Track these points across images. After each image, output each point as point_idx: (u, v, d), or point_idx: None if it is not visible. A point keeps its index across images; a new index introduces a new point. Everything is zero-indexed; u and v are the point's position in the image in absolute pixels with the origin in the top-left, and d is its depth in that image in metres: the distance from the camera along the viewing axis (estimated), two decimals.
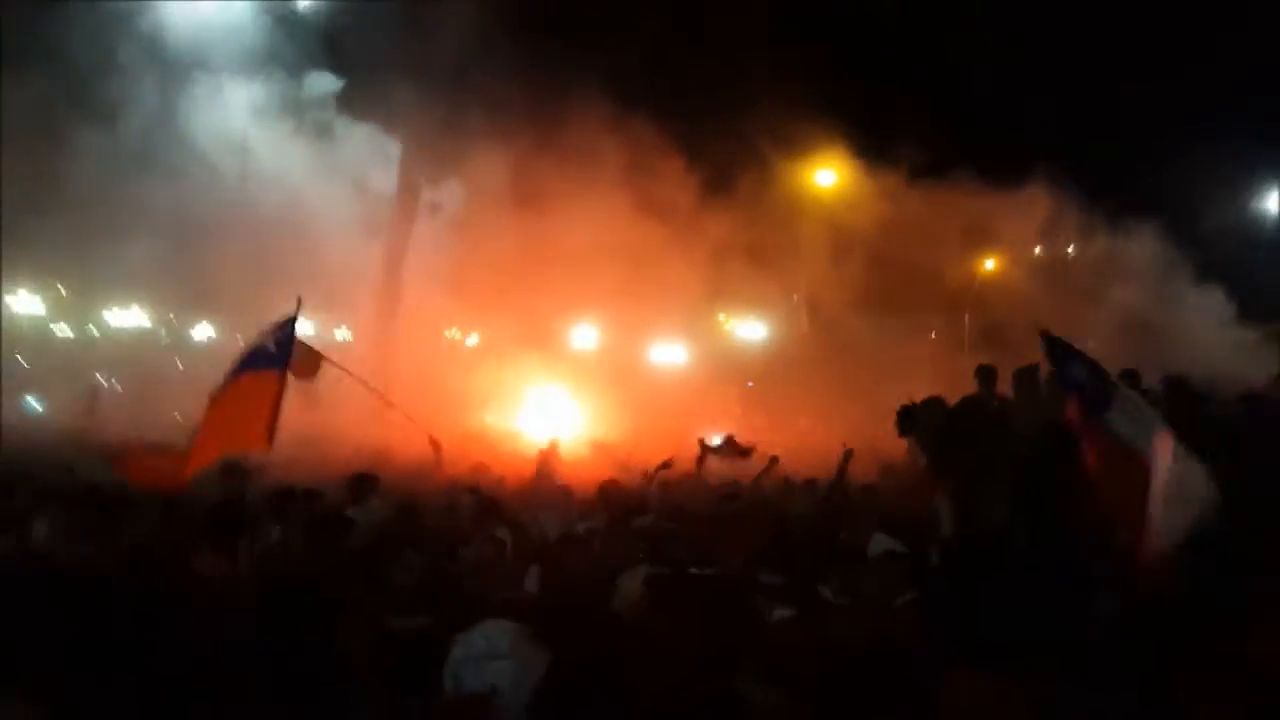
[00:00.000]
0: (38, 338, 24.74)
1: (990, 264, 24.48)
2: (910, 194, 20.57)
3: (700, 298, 20.78)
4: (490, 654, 4.31)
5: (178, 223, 17.93)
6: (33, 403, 16.12)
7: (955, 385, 9.99)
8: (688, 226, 19.18)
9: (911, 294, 22.58)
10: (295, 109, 19.32)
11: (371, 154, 19.61)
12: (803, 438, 15.40)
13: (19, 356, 20.63)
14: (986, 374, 8.78)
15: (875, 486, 7.81)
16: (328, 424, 11.18)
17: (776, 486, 7.55)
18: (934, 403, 7.58)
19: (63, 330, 26.54)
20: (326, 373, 7.05)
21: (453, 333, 21.55)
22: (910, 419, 6.51)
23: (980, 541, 5.07)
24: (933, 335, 25.14)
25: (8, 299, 25.23)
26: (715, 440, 9.25)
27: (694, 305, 20.93)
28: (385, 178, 19.96)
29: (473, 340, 21.68)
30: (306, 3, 19.90)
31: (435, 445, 7.84)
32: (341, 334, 22.30)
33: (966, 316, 24.86)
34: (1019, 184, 20.50)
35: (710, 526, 6.20)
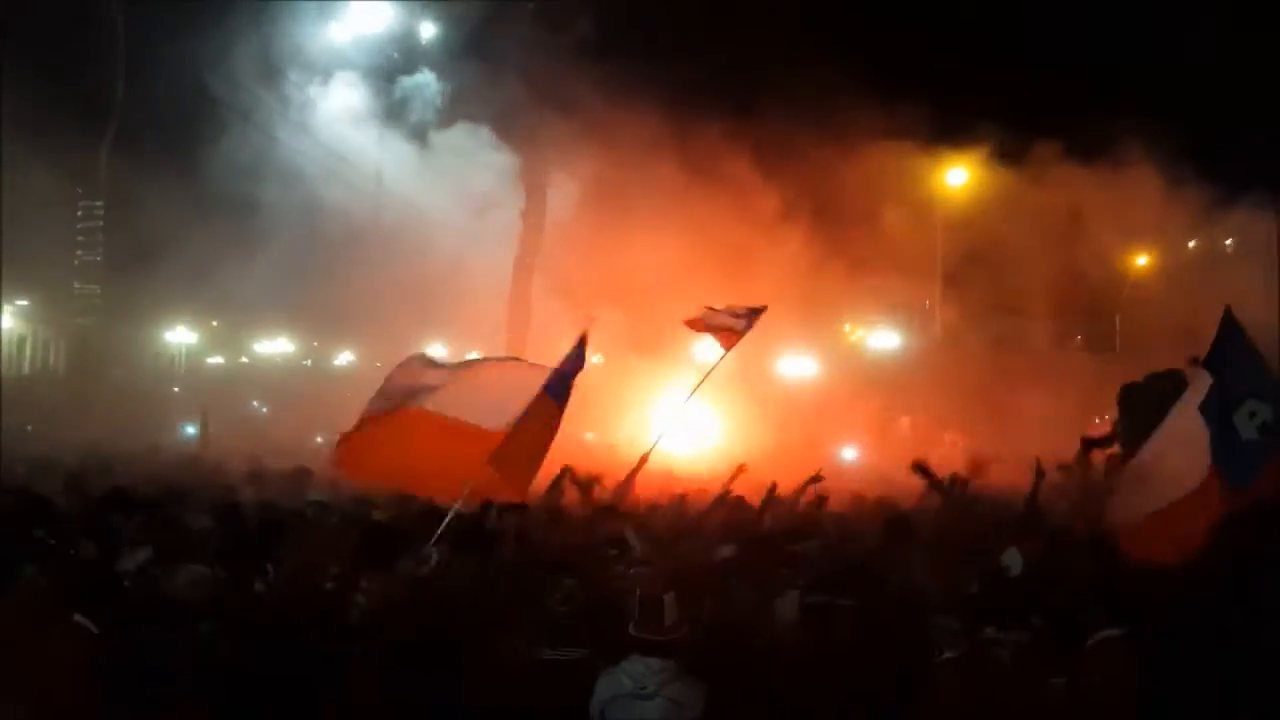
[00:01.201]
0: (193, 368, 26.49)
1: (1142, 260, 22.78)
2: (1045, 188, 19.39)
3: (827, 308, 20.15)
4: (638, 693, 4.07)
5: (319, 256, 18.76)
6: (189, 429, 17.09)
7: (1105, 391, 9.36)
8: (810, 235, 18.67)
9: (1053, 295, 21.24)
10: (426, 143, 20.00)
11: (497, 180, 20.02)
12: (948, 450, 14.59)
13: (175, 387, 22.08)
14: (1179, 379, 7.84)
15: (1040, 503, 7.11)
16: None
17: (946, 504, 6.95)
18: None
19: (217, 360, 28.35)
20: None
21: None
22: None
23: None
24: (1079, 339, 23.63)
25: (166, 334, 27.19)
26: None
27: (821, 316, 20.30)
28: (511, 201, 20.32)
29: (598, 359, 21.71)
30: (428, 33, 20.61)
31: (642, 461, 7.76)
32: (472, 356, 22.78)
33: (1117, 317, 23.21)
34: (1165, 170, 18.99)
35: (872, 553, 5.76)
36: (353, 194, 19.35)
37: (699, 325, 7.96)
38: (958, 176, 22.15)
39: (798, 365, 19.67)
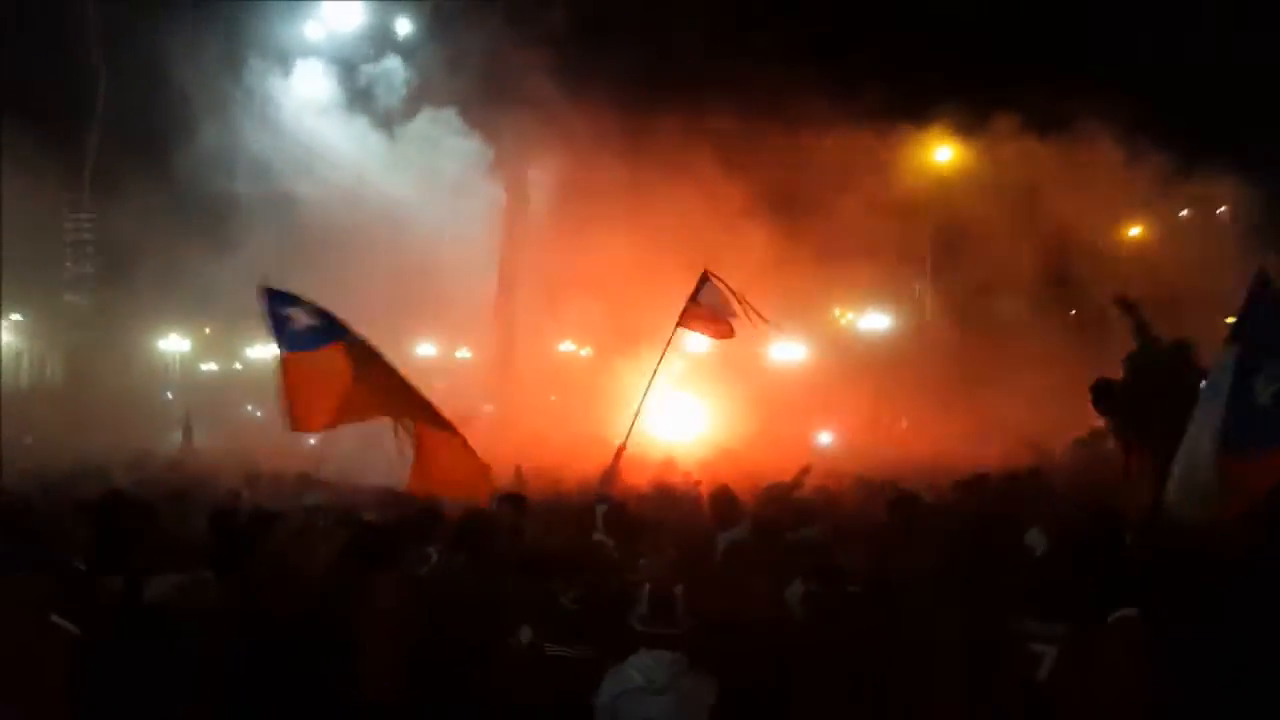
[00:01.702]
0: (187, 375, 26.41)
1: (1134, 232, 22.69)
2: (1034, 160, 19.28)
3: (817, 294, 20.06)
4: (647, 688, 4.00)
5: (305, 256, 18.59)
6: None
7: (1101, 365, 9.29)
8: (796, 221, 18.57)
9: (1045, 269, 21.13)
10: (411, 136, 19.83)
11: (481, 175, 19.87)
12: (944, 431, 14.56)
13: (168, 393, 21.99)
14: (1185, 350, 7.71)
15: (1046, 482, 7.07)
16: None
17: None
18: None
19: (210, 367, 28.25)
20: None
21: (567, 345, 21.58)
22: (1109, 394, 5.76)
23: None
24: (1072, 313, 23.52)
25: (160, 342, 27.09)
26: None
27: (811, 302, 20.20)
28: (495, 195, 20.18)
29: (587, 352, 21.63)
30: (406, 30, 20.46)
31: (619, 451, 7.68)
32: (461, 354, 22.79)
33: (1111, 290, 23.08)
34: (1153, 139, 18.87)
35: (877, 537, 5.68)
36: (338, 191, 19.14)
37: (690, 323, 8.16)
38: (944, 154, 22.06)
39: (788, 351, 19.61)
